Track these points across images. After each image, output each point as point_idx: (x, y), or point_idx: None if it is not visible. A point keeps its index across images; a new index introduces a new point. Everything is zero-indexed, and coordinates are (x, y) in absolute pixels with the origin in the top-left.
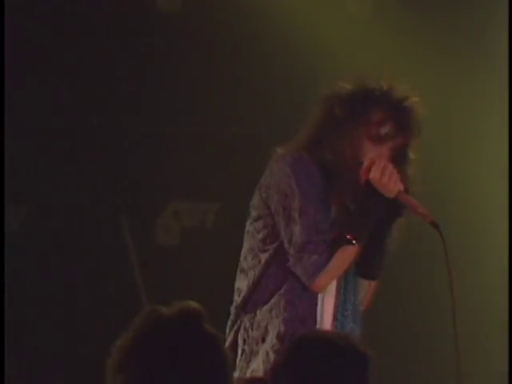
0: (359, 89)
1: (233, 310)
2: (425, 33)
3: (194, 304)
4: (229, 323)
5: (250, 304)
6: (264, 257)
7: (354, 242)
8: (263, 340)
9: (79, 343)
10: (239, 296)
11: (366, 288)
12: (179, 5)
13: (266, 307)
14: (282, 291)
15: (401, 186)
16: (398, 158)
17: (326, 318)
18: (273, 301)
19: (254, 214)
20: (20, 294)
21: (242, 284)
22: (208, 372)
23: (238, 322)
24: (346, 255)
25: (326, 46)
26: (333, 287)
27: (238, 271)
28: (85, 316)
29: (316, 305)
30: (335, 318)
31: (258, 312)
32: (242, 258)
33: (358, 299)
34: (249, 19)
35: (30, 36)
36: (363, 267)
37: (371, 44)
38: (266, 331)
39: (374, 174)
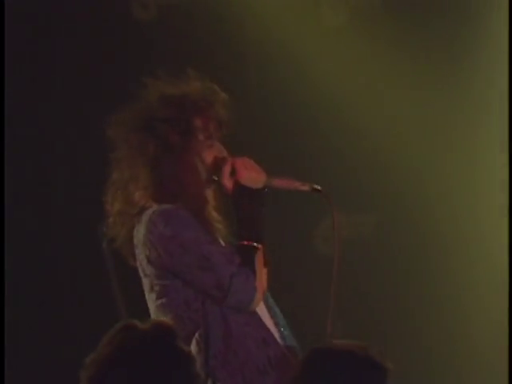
0: (171, 104)
1: (201, 368)
2: (404, 41)
3: (167, 320)
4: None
5: (213, 360)
6: (199, 317)
7: (255, 245)
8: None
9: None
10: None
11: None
12: (154, 13)
13: (230, 353)
14: (233, 333)
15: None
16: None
17: (271, 326)
18: (233, 344)
19: (157, 288)
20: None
21: (194, 349)
22: None
23: (210, 380)
24: (261, 261)
25: (300, 57)
26: None
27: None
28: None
29: (261, 319)
30: (276, 322)
31: (227, 360)
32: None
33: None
34: (224, 29)
35: (29, 36)
36: None
37: (346, 53)
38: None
39: (241, 174)
